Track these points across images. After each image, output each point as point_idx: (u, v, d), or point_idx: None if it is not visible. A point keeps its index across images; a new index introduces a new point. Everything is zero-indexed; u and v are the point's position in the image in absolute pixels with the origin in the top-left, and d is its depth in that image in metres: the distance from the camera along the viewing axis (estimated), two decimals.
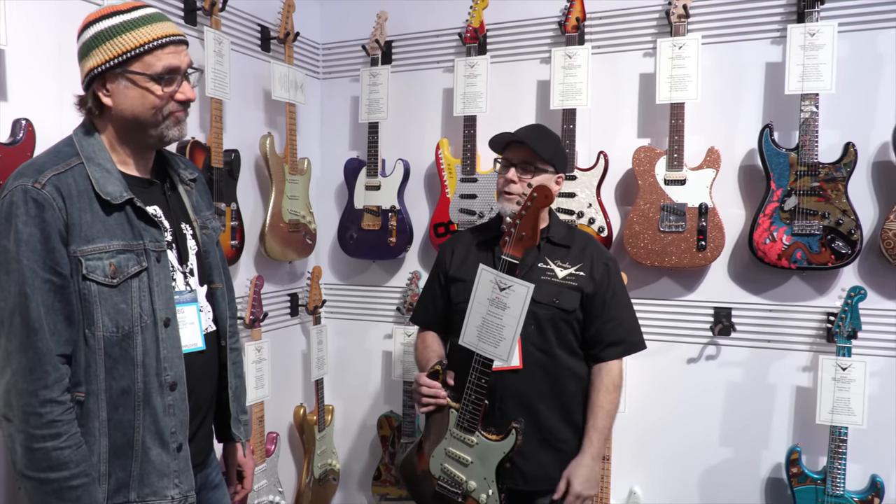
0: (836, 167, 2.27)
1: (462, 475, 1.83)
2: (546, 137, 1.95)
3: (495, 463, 1.79)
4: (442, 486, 1.87)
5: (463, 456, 1.83)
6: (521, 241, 1.74)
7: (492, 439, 1.79)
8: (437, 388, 1.87)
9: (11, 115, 1.80)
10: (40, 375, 1.25)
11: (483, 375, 1.77)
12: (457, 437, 1.83)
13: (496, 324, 1.74)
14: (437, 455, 1.88)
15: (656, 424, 2.65)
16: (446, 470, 1.86)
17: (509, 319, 1.72)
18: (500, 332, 1.74)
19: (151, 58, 1.36)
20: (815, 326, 2.44)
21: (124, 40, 1.34)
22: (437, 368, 1.89)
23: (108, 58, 1.34)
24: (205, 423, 1.57)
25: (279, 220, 2.74)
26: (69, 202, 1.29)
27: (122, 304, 1.34)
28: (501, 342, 1.73)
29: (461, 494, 1.83)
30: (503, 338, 1.73)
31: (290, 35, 2.81)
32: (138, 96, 1.37)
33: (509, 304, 1.72)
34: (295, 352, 3.12)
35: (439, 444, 1.87)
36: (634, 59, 2.63)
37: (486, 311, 1.76)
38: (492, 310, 1.75)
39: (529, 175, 1.90)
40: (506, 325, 1.73)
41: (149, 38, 1.35)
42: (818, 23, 2.28)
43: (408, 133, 3.01)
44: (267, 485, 2.74)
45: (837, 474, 2.26)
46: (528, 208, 1.71)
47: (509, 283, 1.73)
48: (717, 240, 2.42)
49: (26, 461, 1.26)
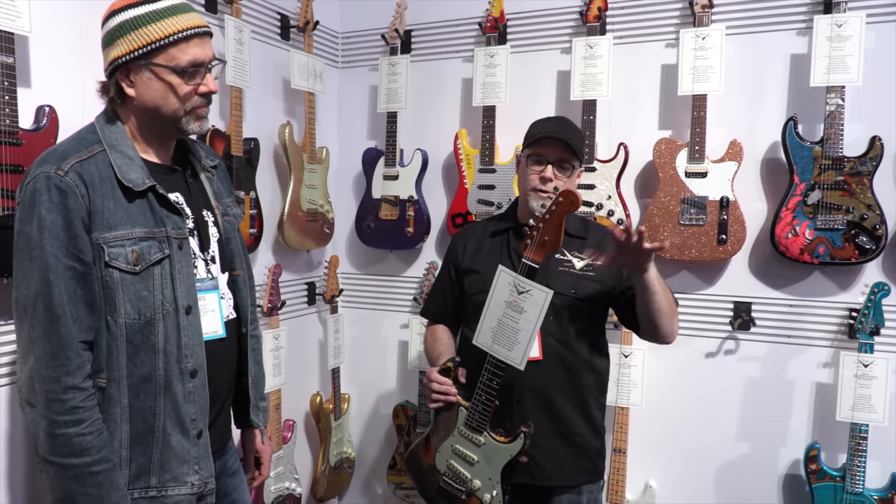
0: (862, 161, 2.24)
1: (467, 473, 1.83)
2: (575, 132, 1.93)
3: (501, 464, 1.77)
4: (446, 482, 1.86)
5: (469, 455, 1.82)
6: (544, 246, 1.70)
7: (500, 441, 1.77)
8: (447, 384, 1.85)
9: (35, 101, 1.81)
10: (63, 362, 1.26)
11: (495, 377, 1.75)
12: (464, 436, 1.83)
13: (512, 327, 1.71)
14: (443, 451, 1.88)
15: (674, 418, 2.63)
16: (452, 467, 1.86)
17: (525, 324, 1.69)
18: (516, 336, 1.71)
19: (176, 50, 1.35)
20: (837, 322, 2.41)
21: (149, 31, 1.33)
22: (449, 365, 1.87)
23: (133, 48, 1.34)
24: (224, 409, 1.59)
25: (297, 208, 2.75)
26: (92, 189, 1.30)
27: (144, 292, 1.35)
28: (516, 346, 1.71)
29: (465, 492, 1.83)
30: (518, 342, 1.70)
31: (310, 24, 2.81)
32: (161, 89, 1.37)
33: (526, 308, 1.69)
34: (312, 340, 3.14)
35: (446, 441, 1.87)
36: (656, 50, 2.60)
37: (502, 314, 1.73)
38: (508, 312, 1.72)
39: (567, 173, 1.87)
40: (521, 329, 1.70)
41: (174, 29, 1.34)
42: (846, 14, 2.24)
43: (426, 123, 3.00)
44: (283, 471, 2.76)
45: (857, 472, 2.24)
46: (553, 212, 1.67)
47: (528, 286, 1.69)
48: (738, 233, 2.39)
49: (49, 446, 1.27)
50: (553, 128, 1.88)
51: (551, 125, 1.91)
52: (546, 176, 1.86)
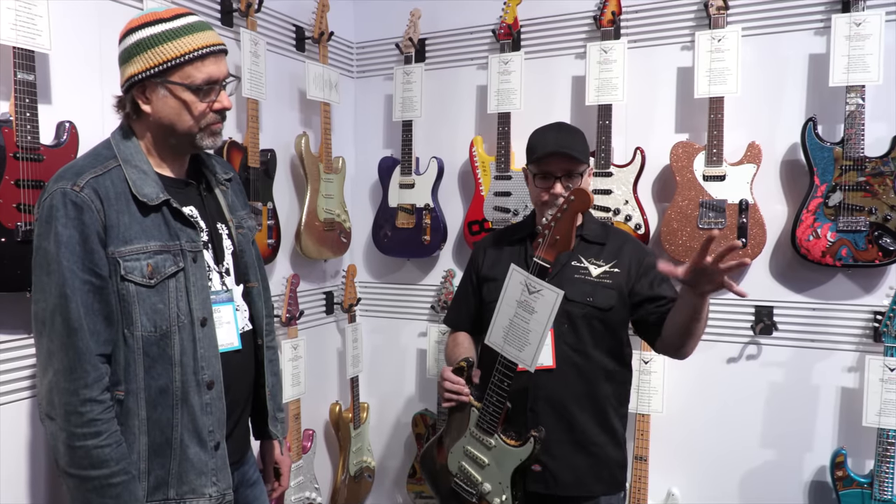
0: (884, 161, 2.20)
1: (478, 476, 1.81)
2: (576, 137, 1.88)
3: (511, 468, 1.75)
4: (458, 483, 1.85)
5: (480, 457, 1.80)
6: (555, 245, 1.69)
7: (510, 444, 1.75)
8: (460, 384, 1.83)
9: (56, 117, 1.84)
10: (80, 375, 1.27)
11: (506, 378, 1.73)
12: (476, 437, 1.81)
13: (523, 327, 1.69)
14: (455, 452, 1.87)
15: (696, 425, 2.60)
16: (463, 469, 1.84)
17: (536, 325, 1.67)
18: (527, 337, 1.68)
19: (192, 68, 1.37)
20: (862, 326, 2.36)
21: (165, 50, 1.35)
22: (462, 364, 1.86)
23: (149, 66, 1.36)
24: (241, 420, 1.59)
25: (314, 218, 2.76)
26: (107, 204, 1.32)
27: (160, 304, 1.36)
28: (526, 346, 1.68)
29: (476, 495, 1.81)
30: (528, 342, 1.68)
31: (325, 35, 2.83)
32: (176, 106, 1.39)
33: (537, 308, 1.67)
34: (330, 350, 3.15)
35: (458, 441, 1.86)
36: (672, 53, 2.58)
37: (513, 313, 1.71)
38: (519, 312, 1.70)
39: (576, 181, 1.84)
40: (532, 330, 1.68)
41: (190, 48, 1.36)
42: (864, 12, 2.21)
43: (441, 131, 3.01)
44: (303, 481, 2.76)
45: (885, 478, 2.19)
46: (565, 212, 1.65)
47: (538, 286, 1.67)
48: (759, 237, 2.36)
49: (68, 459, 1.29)
50: (554, 143, 1.83)
51: (552, 138, 1.86)
52: (556, 192, 1.83)
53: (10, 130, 1.66)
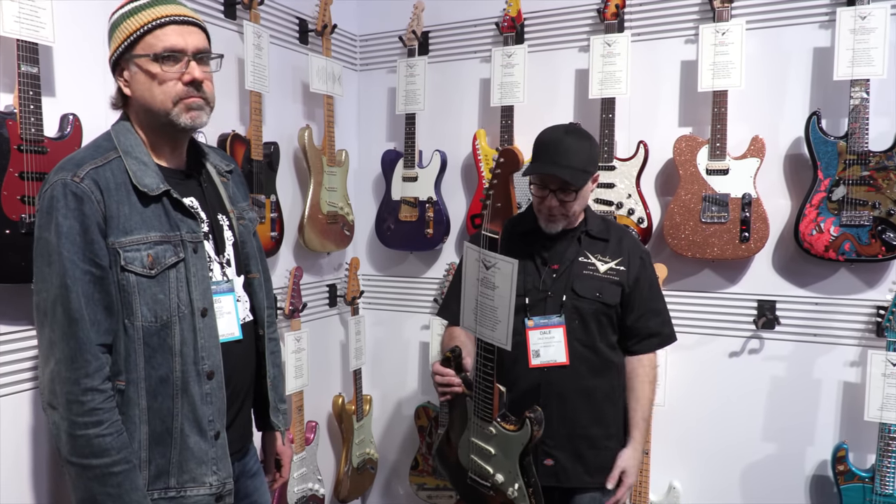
0: (888, 155, 2.19)
1: (488, 467, 1.79)
2: (579, 152, 1.79)
3: (517, 454, 1.72)
4: (473, 478, 1.84)
5: (485, 447, 1.78)
6: (499, 213, 1.61)
7: (509, 430, 1.73)
8: (449, 375, 1.79)
9: (59, 110, 1.85)
10: (81, 364, 1.28)
11: (488, 361, 1.68)
12: (477, 427, 1.79)
13: (490, 305, 1.61)
14: (463, 446, 1.85)
15: (697, 419, 2.60)
16: (474, 462, 1.83)
17: (500, 300, 1.59)
18: (495, 314, 1.60)
19: (151, 38, 1.37)
20: (864, 320, 2.36)
21: (128, 24, 1.37)
22: (448, 355, 1.81)
23: (118, 44, 1.38)
24: (243, 411, 1.60)
25: (318, 211, 2.77)
26: (107, 195, 1.32)
27: (160, 295, 1.37)
28: (498, 325, 1.61)
29: (490, 487, 1.80)
30: (498, 320, 1.60)
31: (328, 27, 2.83)
32: (145, 81, 1.38)
33: (497, 283, 1.59)
34: (333, 342, 3.16)
35: (464, 434, 1.85)
36: (675, 46, 2.57)
37: (477, 293, 1.64)
38: (483, 290, 1.62)
39: (572, 196, 1.81)
40: (498, 307, 1.60)
41: (149, 18, 1.37)
42: (869, 5, 2.20)
43: (445, 124, 3.00)
44: (306, 473, 2.78)
45: (887, 472, 2.19)
46: (498, 175, 1.58)
47: (493, 259, 1.59)
48: (761, 231, 2.36)
49: (70, 448, 1.30)
50: (551, 161, 1.78)
51: (551, 152, 1.79)
52: (551, 205, 1.82)
53: (15, 123, 1.67)
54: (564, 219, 1.87)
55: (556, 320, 1.86)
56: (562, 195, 1.81)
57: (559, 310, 1.86)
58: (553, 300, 1.88)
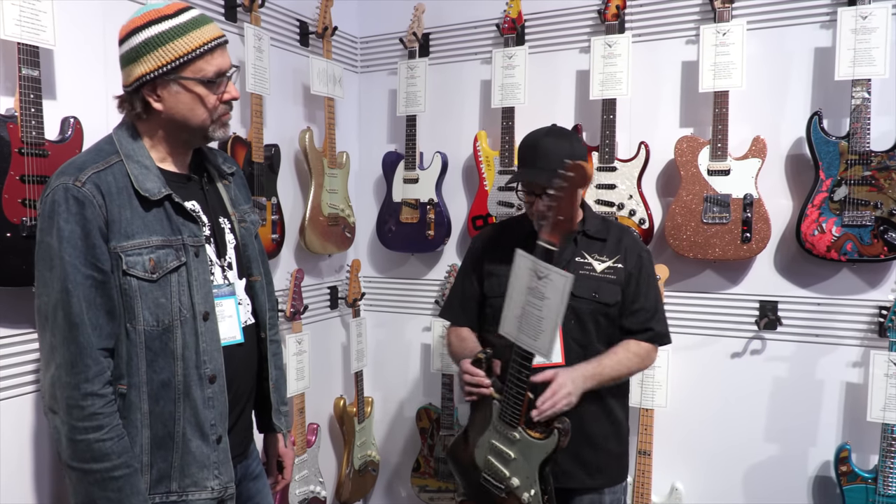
0: (890, 155, 2.18)
1: (505, 471, 1.77)
2: (557, 154, 1.78)
3: (538, 462, 1.71)
4: (486, 479, 1.82)
5: (506, 451, 1.76)
6: (559, 226, 1.60)
7: (534, 437, 1.71)
8: (480, 376, 1.78)
9: (60, 113, 1.84)
10: (81, 369, 1.28)
11: (523, 368, 1.68)
12: (500, 431, 1.77)
13: (535, 315, 1.61)
14: (481, 446, 1.83)
15: (699, 420, 2.60)
16: (490, 463, 1.81)
17: (548, 311, 1.59)
18: (540, 325, 1.61)
19: (202, 62, 1.39)
20: (867, 321, 2.35)
21: (175, 46, 1.36)
22: (481, 356, 1.80)
23: (161, 64, 1.36)
24: (244, 414, 1.60)
25: (319, 213, 2.77)
26: (109, 199, 1.32)
27: (162, 299, 1.37)
28: (541, 335, 1.61)
29: (504, 490, 1.78)
30: (542, 330, 1.60)
31: (329, 29, 2.83)
32: (189, 101, 1.40)
33: (547, 294, 1.59)
34: (335, 344, 3.15)
35: (483, 435, 1.82)
36: (676, 47, 2.57)
37: (524, 301, 1.63)
38: (530, 300, 1.62)
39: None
40: (545, 318, 1.60)
41: (199, 43, 1.38)
42: (870, 5, 2.19)
43: (446, 125, 3.00)
44: (308, 475, 2.78)
45: (889, 473, 2.19)
46: (565, 189, 1.56)
47: (546, 271, 1.59)
48: (763, 231, 2.35)
49: (70, 452, 1.30)
50: (529, 169, 1.82)
51: (529, 157, 1.83)
52: (535, 210, 1.83)
53: (15, 126, 1.67)
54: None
55: None
56: (547, 198, 1.82)
57: None
58: None
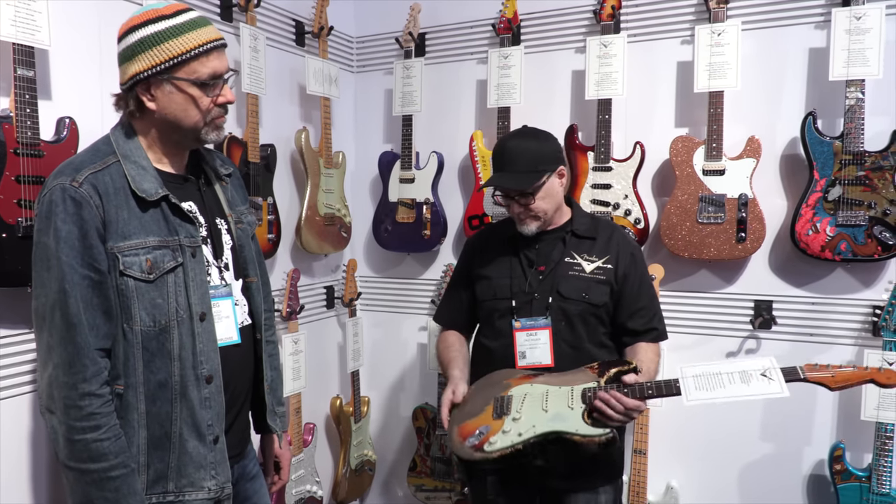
0: (884, 155, 2.20)
1: (521, 409, 1.72)
2: (526, 157, 1.83)
3: (558, 427, 1.66)
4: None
5: (548, 401, 1.72)
6: None
7: (585, 421, 1.68)
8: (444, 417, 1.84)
9: (56, 113, 1.84)
10: (79, 369, 1.28)
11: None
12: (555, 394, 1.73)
13: (722, 381, 1.73)
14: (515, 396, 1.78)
15: (695, 419, 2.61)
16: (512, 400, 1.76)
17: (733, 389, 1.71)
18: (712, 382, 1.74)
19: (197, 64, 1.38)
20: (861, 320, 2.37)
21: (170, 46, 1.36)
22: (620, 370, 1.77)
23: (154, 63, 1.36)
24: (241, 414, 1.60)
25: (315, 213, 2.77)
26: (106, 200, 1.32)
27: (159, 299, 1.37)
28: (703, 390, 1.73)
29: (497, 413, 1.74)
30: (708, 388, 1.73)
31: (325, 29, 2.82)
32: (182, 102, 1.40)
33: (752, 382, 1.75)
34: (331, 344, 3.16)
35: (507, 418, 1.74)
36: (672, 47, 2.58)
37: (727, 370, 1.74)
38: (734, 374, 1.73)
39: (530, 198, 1.83)
40: (725, 386, 1.71)
41: (195, 44, 1.37)
42: (864, 6, 2.21)
43: (441, 125, 3.01)
44: (304, 475, 2.78)
45: (883, 472, 2.20)
46: None
47: (775, 377, 1.73)
48: (758, 231, 2.36)
49: (67, 452, 1.30)
50: (498, 173, 1.88)
51: (498, 162, 1.89)
52: (515, 211, 1.87)
53: (11, 126, 1.67)
54: (535, 220, 1.88)
55: (542, 322, 1.86)
56: (521, 199, 1.84)
57: (545, 311, 1.87)
58: (539, 302, 1.88)
